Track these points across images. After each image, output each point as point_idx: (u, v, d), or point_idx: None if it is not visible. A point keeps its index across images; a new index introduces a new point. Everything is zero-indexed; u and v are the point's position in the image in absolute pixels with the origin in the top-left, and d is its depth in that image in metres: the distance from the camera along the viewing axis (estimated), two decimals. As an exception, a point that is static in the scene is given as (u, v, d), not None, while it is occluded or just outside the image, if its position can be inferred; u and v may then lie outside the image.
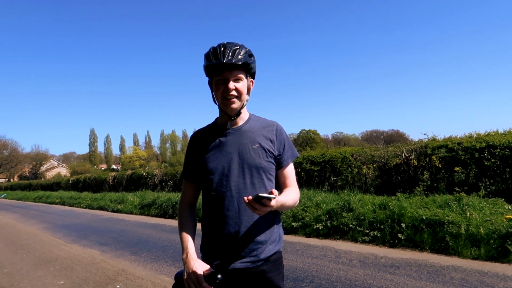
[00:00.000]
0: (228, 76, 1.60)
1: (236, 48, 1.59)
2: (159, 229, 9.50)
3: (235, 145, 1.69)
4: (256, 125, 1.75)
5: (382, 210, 6.79)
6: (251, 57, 1.65)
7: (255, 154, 1.67)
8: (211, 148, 1.71)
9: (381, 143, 19.35)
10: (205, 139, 1.75)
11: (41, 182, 38.74)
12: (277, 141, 1.74)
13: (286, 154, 1.77)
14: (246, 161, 1.66)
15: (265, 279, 1.65)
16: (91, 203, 18.06)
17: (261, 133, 1.73)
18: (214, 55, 1.59)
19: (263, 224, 1.67)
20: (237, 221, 1.63)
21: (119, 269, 5.73)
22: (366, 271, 4.79)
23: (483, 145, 7.67)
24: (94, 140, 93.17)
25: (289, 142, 1.81)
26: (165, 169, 20.92)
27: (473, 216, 5.74)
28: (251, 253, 1.63)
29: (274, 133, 1.75)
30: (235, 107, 1.66)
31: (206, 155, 1.71)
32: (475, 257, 5.07)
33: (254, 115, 1.81)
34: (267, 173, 1.69)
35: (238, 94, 1.63)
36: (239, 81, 1.63)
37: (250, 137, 1.70)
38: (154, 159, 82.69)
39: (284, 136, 1.79)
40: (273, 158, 1.72)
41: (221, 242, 1.66)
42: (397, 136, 71.45)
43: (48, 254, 7.20)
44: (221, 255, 1.65)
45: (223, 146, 1.69)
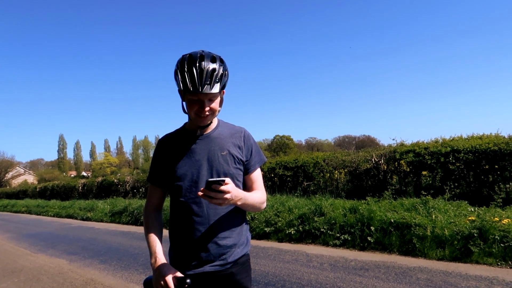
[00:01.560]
0: (204, 98, 1.58)
1: (213, 71, 1.55)
2: (130, 237, 9.33)
3: (204, 151, 1.70)
4: (225, 132, 1.77)
5: (352, 214, 6.93)
6: (226, 74, 1.63)
7: (224, 161, 1.69)
8: (180, 154, 1.72)
9: (352, 148, 19.75)
10: (174, 144, 1.75)
11: (6, 190, 37.27)
12: (245, 147, 1.76)
13: (254, 160, 1.79)
14: (215, 167, 1.68)
15: (234, 281, 1.69)
16: (59, 211, 17.52)
17: (230, 140, 1.75)
18: (191, 79, 1.54)
19: (232, 228, 1.70)
20: (206, 227, 1.65)
21: (88, 278, 5.58)
22: (336, 274, 4.87)
23: (448, 150, 7.97)
24: (63, 147, 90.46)
25: (257, 147, 1.83)
26: (137, 175, 20.57)
27: (439, 218, 5.94)
28: (220, 256, 1.65)
29: (242, 139, 1.77)
30: (205, 123, 1.67)
31: (175, 161, 1.71)
32: (440, 257, 5.25)
33: (222, 121, 1.83)
34: (235, 179, 1.70)
35: (212, 112, 1.64)
36: (212, 100, 1.61)
37: (219, 144, 1.72)
38: (126, 166, 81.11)
39: (252, 141, 1.81)
40: (241, 165, 1.75)
41: (190, 247, 1.67)
42: (369, 141, 72.96)
43: (12, 264, 6.94)
44: (190, 260, 1.66)
45: (192, 153, 1.70)
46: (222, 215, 1.68)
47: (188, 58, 1.57)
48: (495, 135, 8.33)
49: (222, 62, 1.62)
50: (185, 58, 1.58)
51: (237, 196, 1.52)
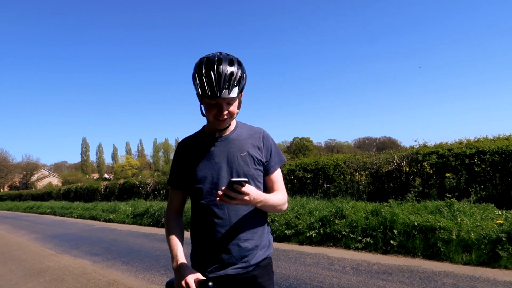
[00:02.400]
0: (222, 102, 1.57)
1: (231, 75, 1.54)
2: (152, 239, 9.43)
3: (223, 153, 1.69)
4: (243, 133, 1.76)
5: (374, 217, 6.82)
6: (244, 77, 1.62)
7: (244, 162, 1.69)
8: (199, 157, 1.72)
9: (373, 150, 19.49)
10: (193, 147, 1.76)
11: (32, 192, 38.28)
12: (264, 148, 1.75)
13: (273, 160, 1.78)
14: (235, 169, 1.67)
15: (256, 284, 1.67)
16: (82, 213, 17.89)
17: (249, 141, 1.74)
18: (209, 84, 1.53)
19: (253, 230, 1.69)
20: (227, 229, 1.64)
21: (111, 279, 5.66)
22: (359, 278, 4.79)
23: (473, 151, 7.75)
24: (86, 149, 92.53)
25: (276, 147, 1.82)
26: (158, 177, 20.81)
27: (464, 221, 5.78)
28: (242, 259, 1.64)
29: (261, 140, 1.76)
30: (224, 126, 1.67)
31: (195, 164, 1.72)
32: (467, 262, 5.10)
33: (240, 123, 1.82)
34: (255, 181, 1.70)
35: (231, 116, 1.63)
36: (231, 104, 1.60)
37: (238, 145, 1.71)
38: (147, 168, 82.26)
39: (271, 142, 1.80)
40: (261, 166, 1.74)
41: (212, 249, 1.66)
42: (390, 142, 71.94)
43: (38, 265, 7.11)
44: (212, 262, 1.66)
45: (211, 155, 1.70)
46: (243, 217, 1.66)
47: (206, 61, 1.56)
48: (523, 136, 8.06)
49: (240, 65, 1.60)
50: (203, 62, 1.57)
51: (257, 198, 1.52)
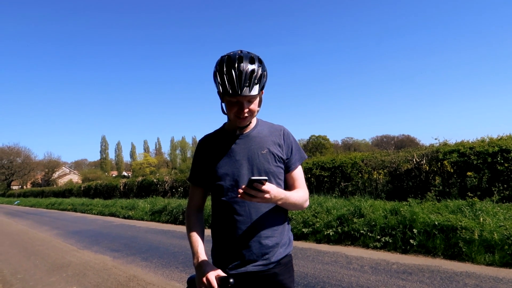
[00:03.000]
0: (243, 100, 1.58)
1: (252, 73, 1.55)
2: (170, 235, 9.54)
3: (244, 151, 1.70)
4: (264, 131, 1.76)
5: (393, 216, 6.73)
6: (265, 74, 1.62)
7: (264, 160, 1.69)
8: (220, 154, 1.73)
9: (391, 148, 19.21)
10: (214, 144, 1.77)
11: (54, 189, 39.18)
12: (285, 145, 1.75)
13: (294, 158, 1.77)
14: (255, 166, 1.67)
15: (277, 281, 1.68)
16: (102, 210, 18.21)
17: (270, 138, 1.74)
18: (230, 82, 1.54)
19: (274, 228, 1.69)
20: (248, 226, 1.64)
21: (131, 275, 5.76)
22: (378, 277, 4.75)
23: (496, 150, 7.57)
24: (105, 147, 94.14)
25: (297, 145, 1.81)
26: (175, 175, 21.00)
27: (487, 221, 5.65)
28: (263, 256, 1.65)
29: (282, 137, 1.76)
30: (244, 124, 1.69)
31: (215, 161, 1.73)
32: (489, 263, 5.00)
33: (261, 120, 1.83)
34: (276, 178, 1.70)
35: (251, 114, 1.64)
36: (251, 102, 1.61)
37: (259, 142, 1.72)
38: (164, 166, 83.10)
39: (291, 139, 1.79)
40: (282, 163, 1.73)
41: (233, 246, 1.67)
42: (408, 141, 70.78)
43: (60, 260, 7.28)
44: (233, 259, 1.67)
45: (232, 153, 1.71)
46: (264, 214, 1.66)
47: (227, 59, 1.57)
48: (548, 134, 7.83)
49: (261, 63, 1.60)
50: (224, 60, 1.58)
51: (277, 196, 1.53)
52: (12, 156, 65.88)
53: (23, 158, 67.66)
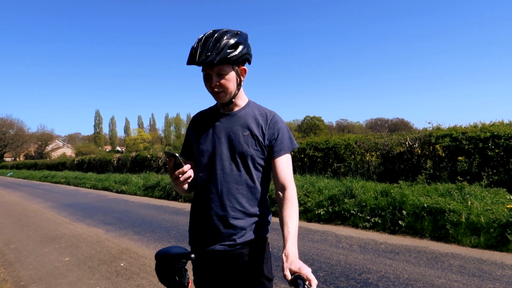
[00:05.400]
0: (210, 71, 1.58)
1: (214, 42, 1.54)
2: (163, 211, 9.63)
3: (226, 130, 1.69)
4: (251, 113, 1.73)
5: (384, 197, 6.84)
6: (235, 48, 1.58)
7: (244, 141, 1.66)
8: (205, 131, 1.74)
9: (385, 131, 19.31)
10: (203, 121, 1.78)
11: (47, 162, 39.12)
12: (269, 131, 1.69)
13: (279, 146, 1.69)
14: (234, 147, 1.66)
15: (244, 262, 1.66)
16: (95, 184, 18.27)
17: (254, 121, 1.70)
18: (191, 54, 1.56)
19: (245, 210, 1.66)
20: (218, 205, 1.65)
21: (123, 247, 5.84)
22: (366, 256, 4.87)
23: (488, 135, 7.65)
24: (99, 122, 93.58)
25: (286, 133, 1.73)
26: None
27: (474, 205, 5.77)
28: (230, 237, 1.64)
29: (267, 122, 1.71)
30: (222, 100, 1.67)
31: (199, 137, 1.74)
32: (475, 245, 5.13)
33: (253, 103, 1.80)
34: (254, 162, 1.67)
35: (223, 88, 1.61)
36: (222, 75, 1.59)
37: (242, 123, 1.69)
38: (158, 142, 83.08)
39: (279, 126, 1.71)
40: (262, 148, 1.68)
41: (203, 223, 1.69)
42: (402, 124, 71.17)
43: (53, 231, 7.35)
44: (203, 237, 1.69)
45: (216, 130, 1.71)
46: (235, 195, 1.65)
47: (202, 35, 1.59)
48: (540, 121, 7.91)
49: (235, 36, 1.58)
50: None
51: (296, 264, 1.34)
52: (5, 127, 65.28)
53: (16, 130, 67.11)
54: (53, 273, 4.74)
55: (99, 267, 4.88)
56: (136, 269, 4.73)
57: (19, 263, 5.24)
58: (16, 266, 5.11)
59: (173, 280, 1.73)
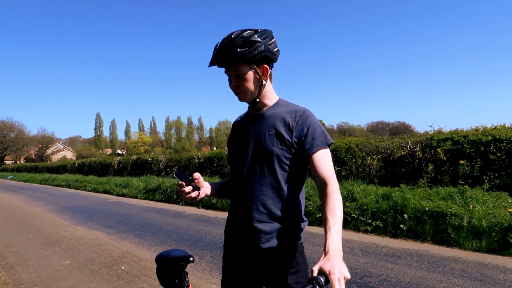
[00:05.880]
0: (228, 72, 1.59)
1: (229, 42, 1.53)
2: (164, 214, 9.62)
3: (254, 131, 1.66)
4: (279, 111, 1.66)
5: (385, 201, 6.83)
6: (249, 46, 1.53)
7: (270, 141, 1.60)
8: (237, 135, 1.75)
9: (386, 135, 19.28)
10: (238, 125, 1.79)
11: (47, 164, 39.12)
12: (297, 127, 1.59)
13: (310, 142, 1.57)
14: (260, 148, 1.61)
15: (267, 268, 1.59)
16: (96, 187, 18.25)
17: (282, 119, 1.62)
18: (212, 56, 1.58)
19: (270, 213, 1.59)
20: (245, 209, 1.62)
21: (124, 251, 5.83)
22: (367, 260, 4.85)
23: (489, 139, 7.65)
24: (99, 125, 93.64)
25: (316, 129, 1.61)
26: (170, 155, 21.05)
27: (476, 208, 5.76)
28: (254, 241, 1.59)
29: (296, 119, 1.61)
30: (243, 100, 1.65)
31: (233, 142, 1.76)
32: (476, 249, 5.11)
33: (284, 101, 1.73)
34: (281, 162, 1.59)
35: (241, 89, 1.60)
36: (239, 76, 1.57)
37: (269, 123, 1.63)
38: (159, 145, 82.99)
39: (309, 122, 1.60)
40: (289, 146, 1.59)
41: (232, 225, 1.70)
42: (403, 128, 71.17)
43: (54, 234, 7.34)
44: (232, 238, 1.69)
45: (244, 133, 1.69)
46: (261, 198, 1.59)
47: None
48: (542, 125, 7.90)
49: (253, 34, 1.54)
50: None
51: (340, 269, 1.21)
52: (6, 130, 65.36)
53: (17, 133, 67.17)
54: (54, 276, 4.72)
55: (100, 270, 4.87)
56: (137, 272, 4.72)
57: (20, 266, 5.23)
58: (17, 269, 5.10)
59: (173, 283, 1.74)
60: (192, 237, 6.59)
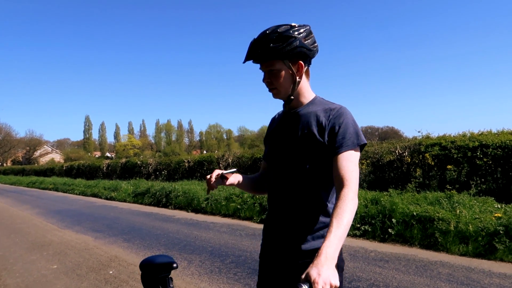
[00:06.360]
0: (263, 68, 1.57)
1: (262, 38, 1.51)
2: (153, 218, 9.55)
3: (288, 130, 1.64)
4: (314, 109, 1.60)
5: (374, 205, 6.88)
6: (282, 42, 1.49)
7: (302, 140, 1.55)
8: (272, 133, 1.75)
9: (375, 139, 19.49)
10: (275, 123, 1.79)
11: (35, 167, 38.61)
12: (329, 126, 1.52)
13: (340, 141, 1.48)
14: (292, 147, 1.58)
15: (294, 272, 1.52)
16: (84, 190, 18.05)
17: (315, 118, 1.56)
18: (247, 51, 1.57)
19: (309, 216, 1.55)
20: (282, 210, 1.61)
21: (112, 255, 5.78)
22: (356, 264, 4.88)
23: (476, 144, 7.77)
24: (88, 127, 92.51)
25: (349, 127, 1.51)
26: (160, 158, 20.94)
27: (463, 213, 5.84)
28: (295, 243, 1.54)
29: (329, 117, 1.53)
30: (277, 97, 1.63)
31: (268, 140, 1.78)
32: (463, 253, 5.18)
33: (320, 99, 1.67)
34: (312, 161, 1.54)
35: (274, 85, 1.58)
36: (272, 72, 1.55)
37: (303, 122, 1.58)
38: (148, 148, 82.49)
39: (342, 120, 1.52)
40: (321, 145, 1.52)
41: (267, 225, 1.71)
42: (392, 132, 71.82)
43: (41, 238, 7.24)
44: (270, 240, 1.67)
45: (280, 131, 1.69)
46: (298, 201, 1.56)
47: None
48: (527, 131, 8.05)
49: (288, 29, 1.50)
50: None
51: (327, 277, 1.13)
52: (-8, 132, 64.39)
53: (4, 135, 66.18)
54: (41, 281, 4.66)
55: (87, 275, 4.82)
56: (125, 277, 4.68)
57: (6, 271, 5.15)
58: (3, 274, 5.02)
59: None
60: (181, 241, 6.56)
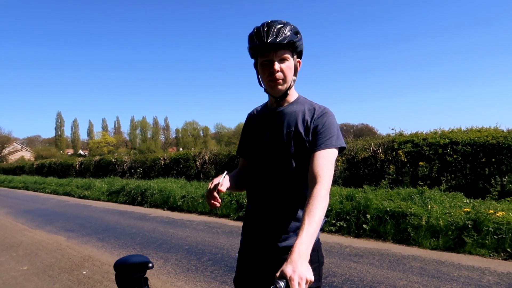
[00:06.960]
0: (273, 57, 1.53)
1: (280, 26, 1.51)
2: (128, 216, 9.40)
3: (273, 127, 1.64)
4: (300, 108, 1.63)
5: (349, 202, 7.00)
6: (297, 35, 1.56)
7: (287, 138, 1.58)
8: (254, 129, 1.74)
9: (350, 137, 19.78)
10: (254, 119, 1.77)
11: (3, 165, 37.28)
12: (312, 125, 1.56)
13: (321, 140, 1.52)
14: (277, 145, 1.60)
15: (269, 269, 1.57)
16: (56, 189, 17.59)
17: (301, 117, 1.60)
18: (257, 35, 1.52)
19: (291, 214, 1.57)
20: (262, 207, 1.63)
21: (86, 255, 5.65)
22: (331, 260, 4.95)
23: (447, 141, 8.01)
24: (60, 124, 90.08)
25: (331, 128, 1.56)
26: (135, 156, 20.62)
27: (434, 208, 6.02)
28: (273, 240, 1.57)
29: (313, 117, 1.58)
30: (280, 89, 1.60)
31: (249, 136, 1.75)
32: (434, 247, 5.34)
33: (304, 98, 1.70)
34: (298, 160, 1.57)
35: (283, 76, 1.56)
36: (284, 61, 1.55)
37: (289, 120, 1.61)
38: (123, 146, 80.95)
39: (325, 120, 1.56)
40: (305, 143, 1.56)
41: (248, 222, 1.71)
42: (367, 130, 73.10)
43: (10, 239, 7.01)
44: (249, 237, 1.69)
45: (263, 128, 1.68)
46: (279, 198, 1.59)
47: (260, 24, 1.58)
48: (494, 129, 8.34)
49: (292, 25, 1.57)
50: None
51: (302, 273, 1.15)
52: (-44, 129, 61.68)
53: (-31, 131, 63.56)
54: (10, 283, 4.51)
55: (59, 276, 4.70)
56: (99, 277, 4.59)
57: (-28, 273, 4.96)
58: (-31, 277, 4.83)
59: None
60: (157, 240, 6.49)
